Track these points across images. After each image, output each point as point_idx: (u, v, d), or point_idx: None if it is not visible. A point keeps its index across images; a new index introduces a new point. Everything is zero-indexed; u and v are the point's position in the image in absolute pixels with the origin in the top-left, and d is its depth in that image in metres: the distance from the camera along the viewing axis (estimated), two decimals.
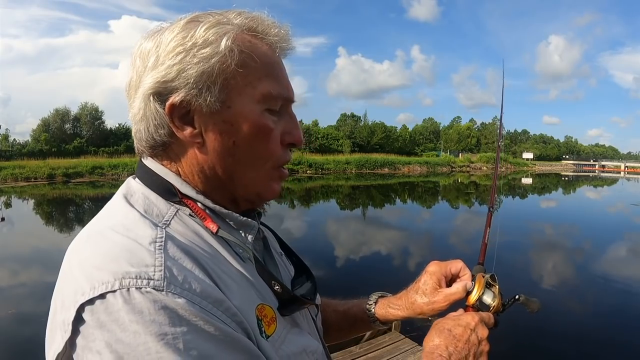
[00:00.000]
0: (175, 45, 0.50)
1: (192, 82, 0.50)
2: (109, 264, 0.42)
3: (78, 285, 0.42)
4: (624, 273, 7.71)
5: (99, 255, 0.43)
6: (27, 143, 43.94)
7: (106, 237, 0.45)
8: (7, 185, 25.84)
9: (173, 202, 0.53)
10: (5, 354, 4.23)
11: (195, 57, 0.50)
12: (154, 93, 0.51)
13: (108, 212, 0.52)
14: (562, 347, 4.51)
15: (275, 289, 0.54)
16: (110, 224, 0.47)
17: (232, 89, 0.52)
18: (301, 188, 26.11)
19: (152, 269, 0.41)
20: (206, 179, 0.55)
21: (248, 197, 0.58)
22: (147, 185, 0.54)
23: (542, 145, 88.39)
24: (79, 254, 0.46)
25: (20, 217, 14.37)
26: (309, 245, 9.42)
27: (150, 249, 0.43)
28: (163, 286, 0.41)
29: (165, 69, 0.50)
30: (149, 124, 0.53)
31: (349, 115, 64.89)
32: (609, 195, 27.00)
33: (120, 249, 0.43)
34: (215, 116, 0.52)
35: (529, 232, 12.14)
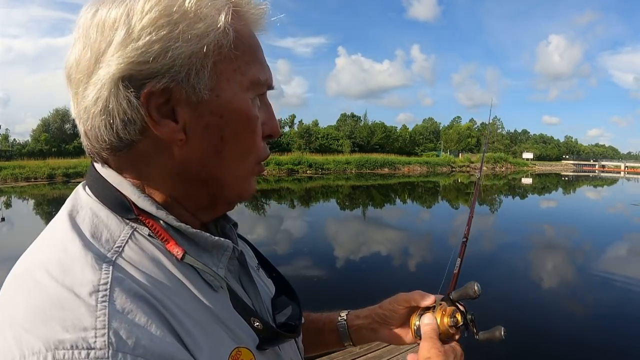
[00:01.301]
0: (157, 15, 0.39)
1: (179, 65, 0.40)
2: (40, 327, 0.32)
3: (7, 347, 0.32)
4: (624, 273, 7.71)
5: (28, 312, 0.33)
6: (27, 143, 44.03)
7: (38, 283, 0.35)
8: (7, 185, 25.85)
9: (127, 220, 0.42)
10: None
11: (185, 33, 0.39)
12: (125, 77, 0.39)
13: (48, 237, 0.42)
14: (562, 347, 4.51)
15: (255, 325, 0.44)
16: (44, 260, 0.37)
17: (221, 75, 0.43)
18: (301, 188, 26.12)
19: (93, 334, 0.32)
20: (182, 184, 0.45)
21: (228, 198, 0.49)
22: (98, 198, 0.43)
23: (542, 145, 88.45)
24: (8, 304, 0.35)
25: (21, 217, 14.38)
26: (309, 246, 9.42)
27: (90, 303, 0.33)
28: (108, 356, 0.31)
29: (142, 46, 0.38)
30: (113, 118, 0.40)
31: (349, 115, 64.98)
32: (609, 196, 27.01)
33: (52, 305, 0.33)
34: (202, 107, 0.42)
35: (529, 231, 12.14)
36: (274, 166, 37.58)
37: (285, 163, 38.96)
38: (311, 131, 55.67)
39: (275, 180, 31.34)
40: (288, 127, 62.23)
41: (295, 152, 46.20)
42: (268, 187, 25.99)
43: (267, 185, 27.17)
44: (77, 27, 0.42)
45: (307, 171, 39.19)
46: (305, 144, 52.54)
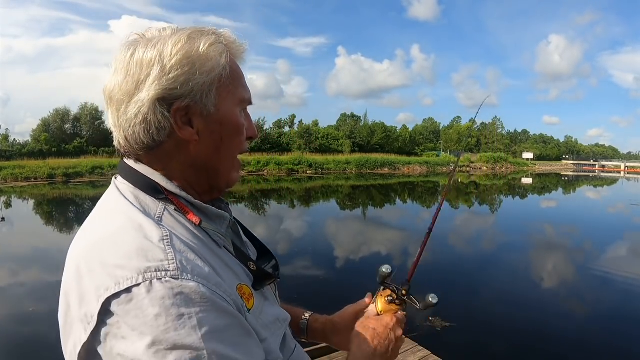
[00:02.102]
0: (181, 57, 0.57)
1: (196, 91, 0.58)
2: (130, 262, 0.48)
3: (100, 282, 0.48)
4: (624, 273, 7.70)
5: (118, 255, 0.49)
6: (27, 143, 43.96)
7: (121, 238, 0.52)
8: (7, 185, 25.83)
9: (159, 199, 0.59)
10: (5, 354, 4.23)
11: (200, 70, 0.58)
12: (160, 98, 0.57)
13: (109, 212, 0.58)
14: (562, 346, 4.51)
15: (251, 267, 0.64)
16: (118, 225, 0.54)
17: (221, 95, 0.62)
18: (301, 188, 26.09)
19: (167, 262, 0.49)
20: (194, 173, 0.63)
21: (221, 186, 0.67)
22: (135, 185, 0.60)
23: (542, 145, 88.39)
24: (97, 255, 0.51)
25: (21, 217, 14.36)
26: (309, 246, 9.41)
27: (161, 246, 0.50)
28: (178, 275, 0.48)
29: (172, 78, 0.56)
30: (151, 126, 0.58)
31: (349, 115, 64.99)
32: (609, 196, 27.00)
33: (137, 248, 0.50)
34: (209, 118, 0.61)
35: (529, 231, 12.14)
36: (274, 166, 37.57)
37: (285, 163, 38.93)
38: (311, 131, 55.63)
39: (275, 180, 31.32)
40: (288, 127, 62.28)
41: (295, 152, 46.17)
42: (268, 187, 25.97)
43: (267, 185, 27.14)
44: (116, 60, 0.59)
45: (307, 171, 39.16)
46: (305, 144, 52.51)
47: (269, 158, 39.59)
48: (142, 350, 0.46)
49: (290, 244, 9.50)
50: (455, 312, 5.27)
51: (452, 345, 4.39)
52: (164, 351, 0.46)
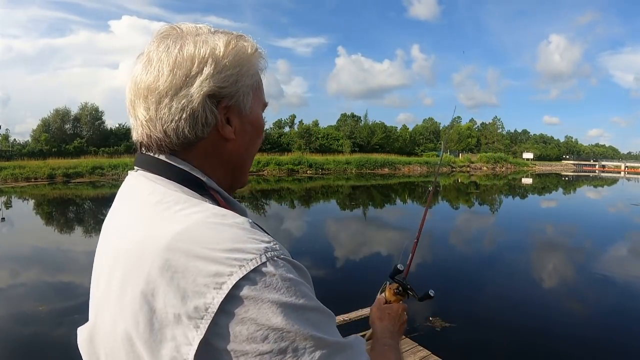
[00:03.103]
0: (233, 58, 0.59)
1: (241, 91, 0.61)
2: (245, 245, 0.48)
3: (215, 270, 0.45)
4: (624, 272, 7.70)
5: (227, 240, 0.48)
6: (27, 143, 43.94)
7: (216, 225, 0.50)
8: (7, 185, 25.84)
9: (203, 195, 0.58)
10: (5, 354, 4.23)
11: (247, 73, 0.61)
12: (211, 95, 0.57)
13: (173, 203, 0.54)
14: (562, 346, 4.51)
15: None
16: (203, 213, 0.51)
17: (254, 98, 0.64)
18: (301, 188, 26.10)
19: (272, 243, 0.50)
20: (226, 170, 0.64)
21: (240, 184, 0.69)
22: (173, 179, 0.58)
23: (542, 145, 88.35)
24: (196, 245, 0.47)
25: (21, 218, 14.37)
26: (309, 245, 9.42)
27: (255, 230, 0.52)
28: (283, 252, 0.50)
29: (225, 77, 0.58)
30: (197, 121, 0.57)
31: (349, 115, 64.89)
32: (609, 196, 27.00)
33: (243, 232, 0.49)
34: (245, 118, 0.63)
35: (529, 231, 12.14)
36: (274, 166, 37.58)
37: (286, 163, 38.95)
38: (311, 131, 55.61)
39: (275, 180, 31.32)
40: (288, 127, 62.28)
41: (295, 152, 46.18)
42: (268, 187, 25.97)
43: (267, 185, 27.14)
44: (155, 53, 0.58)
45: (307, 171, 39.17)
46: (305, 144, 52.50)
47: (269, 158, 39.60)
48: (282, 320, 0.46)
49: (290, 244, 9.50)
50: (455, 312, 5.27)
51: (452, 345, 4.39)
52: (302, 313, 0.47)
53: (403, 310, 0.98)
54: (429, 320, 4.96)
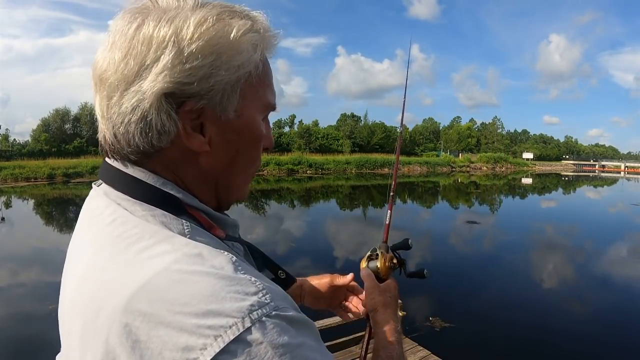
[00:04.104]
0: (204, 44, 0.43)
1: (217, 90, 0.45)
2: (224, 304, 0.36)
3: (186, 341, 0.35)
4: (624, 272, 7.71)
5: (200, 299, 0.36)
6: (27, 143, 44.01)
7: (187, 276, 0.38)
8: (7, 185, 25.85)
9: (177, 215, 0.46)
10: (6, 353, 4.24)
11: (227, 64, 0.45)
12: (168, 94, 0.43)
13: (137, 243, 0.42)
14: (561, 347, 4.51)
15: (281, 277, 0.58)
16: (171, 258, 0.39)
17: (244, 98, 0.48)
18: (301, 188, 26.11)
19: (261, 294, 0.38)
20: (204, 186, 0.51)
21: (231, 201, 0.56)
22: (140, 200, 0.46)
23: (542, 145, 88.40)
24: (161, 305, 0.37)
25: (21, 217, 14.37)
26: (309, 245, 9.42)
27: (241, 277, 0.39)
28: (277, 305, 0.38)
29: (189, 69, 0.43)
30: (150, 127, 0.44)
31: (349, 115, 64.95)
32: (609, 196, 27.01)
33: (221, 285, 0.37)
34: (226, 125, 0.48)
35: (529, 231, 12.14)
36: (274, 166, 37.58)
37: (285, 163, 38.96)
38: (311, 131, 55.64)
39: (275, 180, 31.34)
40: (288, 127, 62.29)
41: (295, 152, 46.20)
42: (268, 187, 25.98)
43: (267, 185, 27.15)
44: (114, 32, 0.45)
45: (307, 171, 39.20)
46: (305, 144, 52.52)
47: (269, 158, 39.60)
48: None
49: (290, 243, 9.50)
50: (455, 312, 5.28)
51: (452, 345, 4.39)
52: None
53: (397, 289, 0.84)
54: (428, 320, 4.96)
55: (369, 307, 0.78)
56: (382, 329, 0.74)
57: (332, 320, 3.50)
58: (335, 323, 3.49)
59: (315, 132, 56.24)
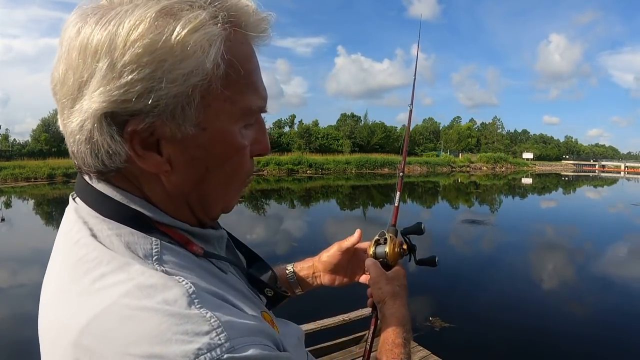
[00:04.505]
0: (140, 52, 0.36)
1: (163, 105, 0.38)
2: (169, 347, 0.33)
3: None
4: (624, 273, 7.71)
5: (144, 341, 0.33)
6: (27, 143, 44.03)
7: (135, 313, 0.35)
8: (7, 185, 25.84)
9: (148, 232, 0.43)
10: (6, 354, 4.24)
11: (171, 74, 0.37)
12: (107, 114, 0.38)
13: (92, 271, 0.39)
14: (561, 347, 4.51)
15: (268, 294, 0.55)
16: (120, 291, 0.36)
17: (208, 107, 0.41)
18: (301, 188, 26.12)
19: (215, 334, 0.34)
20: (175, 204, 0.46)
21: (211, 216, 0.50)
22: (108, 215, 0.43)
23: (542, 145, 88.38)
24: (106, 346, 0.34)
25: (21, 218, 14.37)
26: (309, 245, 9.42)
27: (195, 312, 0.35)
28: (232, 345, 0.35)
29: (124, 84, 0.36)
30: (98, 149, 0.40)
31: (349, 115, 64.91)
32: (609, 196, 27.01)
33: (168, 326, 0.34)
34: (187, 141, 0.41)
35: (529, 231, 12.14)
36: (274, 166, 37.57)
37: (285, 163, 38.96)
38: (311, 131, 55.63)
39: (275, 180, 31.34)
40: (288, 127, 62.27)
41: (295, 152, 46.18)
42: (268, 187, 25.98)
43: (267, 185, 27.16)
44: (61, 40, 0.40)
45: (307, 171, 39.19)
46: (305, 144, 52.50)
47: (269, 158, 39.55)
48: None
49: (290, 243, 9.51)
50: (455, 312, 5.28)
51: (452, 345, 4.39)
52: None
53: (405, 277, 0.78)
54: (428, 320, 4.96)
55: (375, 298, 0.73)
56: (390, 325, 0.69)
57: (332, 320, 3.50)
58: (335, 323, 3.49)
59: (315, 132, 56.22)
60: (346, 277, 0.85)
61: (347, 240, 0.83)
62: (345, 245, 0.82)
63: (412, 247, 0.81)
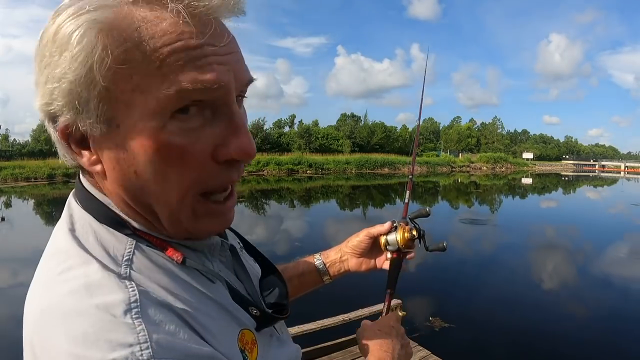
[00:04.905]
0: (43, 52, 0.37)
1: (64, 102, 0.37)
2: (87, 351, 0.33)
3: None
4: (624, 273, 7.70)
5: (74, 340, 0.34)
6: (27, 143, 44.02)
7: (75, 312, 0.35)
8: (7, 185, 25.85)
9: (126, 234, 0.42)
10: (6, 354, 4.24)
11: (58, 67, 0.36)
12: (45, 116, 0.40)
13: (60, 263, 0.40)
14: (561, 347, 4.51)
15: (253, 313, 0.49)
16: (68, 288, 0.37)
17: (115, 101, 0.37)
18: (301, 188, 26.12)
19: (138, 348, 0.34)
20: (127, 209, 0.44)
21: (177, 234, 0.44)
22: (92, 214, 0.43)
23: (542, 145, 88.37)
24: (46, 335, 0.36)
25: (21, 217, 14.37)
26: (309, 245, 9.41)
27: (128, 322, 0.35)
28: None
29: (44, 82, 0.38)
30: (58, 145, 0.42)
31: (349, 115, 64.97)
32: (609, 196, 27.00)
33: (96, 330, 0.34)
34: (105, 140, 0.39)
35: (529, 232, 12.14)
36: (273, 166, 37.58)
37: (285, 163, 38.96)
38: (311, 131, 55.62)
39: (275, 180, 31.34)
40: (288, 127, 62.28)
41: (295, 152, 46.20)
42: (268, 187, 25.98)
43: (267, 185, 27.16)
44: None
45: (307, 171, 39.19)
46: (305, 144, 52.50)
47: (269, 158, 39.59)
48: None
49: (290, 244, 9.51)
50: (455, 312, 5.28)
51: (452, 345, 4.39)
52: None
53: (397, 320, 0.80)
54: (428, 320, 4.96)
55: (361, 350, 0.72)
56: None
57: (332, 320, 3.50)
58: (335, 323, 3.49)
59: (315, 132, 56.21)
60: (371, 263, 0.87)
61: (375, 227, 0.85)
62: (373, 232, 0.84)
63: (421, 232, 0.83)
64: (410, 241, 0.82)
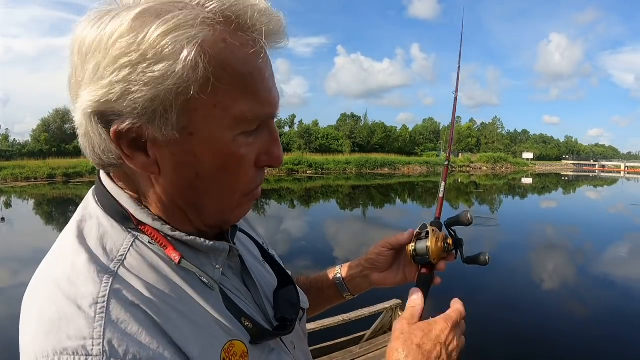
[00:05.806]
0: (118, 53, 0.37)
1: (141, 108, 0.38)
2: (50, 335, 0.36)
3: (28, 350, 0.38)
4: (624, 273, 7.70)
5: (42, 322, 0.38)
6: (27, 143, 44.02)
7: (49, 297, 0.39)
8: (7, 185, 25.84)
9: (129, 229, 0.45)
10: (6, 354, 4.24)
11: (144, 76, 0.37)
12: (95, 112, 0.40)
13: (58, 250, 0.45)
14: (561, 348, 4.51)
15: (246, 325, 0.48)
16: (56, 275, 0.41)
17: (195, 112, 0.40)
18: (301, 188, 26.11)
19: (90, 342, 0.35)
20: (164, 207, 0.47)
21: (212, 225, 0.50)
22: (103, 208, 0.47)
23: (542, 145, 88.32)
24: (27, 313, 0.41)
25: (21, 218, 14.36)
26: (309, 245, 9.42)
27: (89, 315, 0.37)
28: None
29: (106, 85, 0.38)
30: (94, 144, 0.43)
31: (349, 115, 64.89)
32: (609, 196, 26.99)
33: (60, 317, 0.37)
34: (173, 146, 0.41)
35: (529, 232, 12.14)
36: None
37: (285, 163, 38.88)
38: (311, 131, 55.61)
39: (275, 180, 31.33)
40: (288, 127, 62.24)
41: (295, 152, 46.16)
42: (268, 187, 25.97)
43: (267, 185, 27.15)
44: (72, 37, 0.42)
45: (307, 171, 39.18)
46: (305, 144, 52.49)
47: None
48: None
49: (290, 244, 9.50)
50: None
51: None
52: None
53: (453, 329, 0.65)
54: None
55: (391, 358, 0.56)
56: None
57: (332, 320, 3.50)
58: (335, 323, 3.49)
59: (315, 132, 56.19)
60: (398, 277, 0.77)
61: (395, 236, 0.76)
62: (391, 243, 0.75)
63: (458, 242, 0.69)
64: (445, 252, 0.69)
